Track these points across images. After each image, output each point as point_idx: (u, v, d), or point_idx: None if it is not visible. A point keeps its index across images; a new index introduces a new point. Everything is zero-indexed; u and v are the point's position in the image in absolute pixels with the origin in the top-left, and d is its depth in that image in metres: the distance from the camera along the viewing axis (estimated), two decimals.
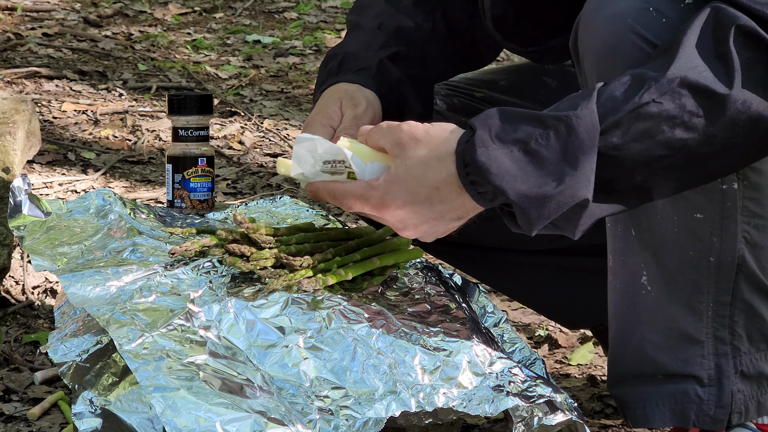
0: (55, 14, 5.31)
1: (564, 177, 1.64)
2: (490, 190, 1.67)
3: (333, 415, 1.65)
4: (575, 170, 1.64)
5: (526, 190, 1.65)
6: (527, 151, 1.65)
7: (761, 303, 1.82)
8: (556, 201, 1.65)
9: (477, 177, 1.67)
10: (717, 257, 1.80)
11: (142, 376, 1.61)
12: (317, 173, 1.80)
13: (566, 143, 1.64)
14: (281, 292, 1.78)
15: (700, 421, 1.84)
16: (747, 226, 1.79)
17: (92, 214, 2.10)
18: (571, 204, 1.65)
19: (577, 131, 1.64)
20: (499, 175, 1.65)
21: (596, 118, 1.64)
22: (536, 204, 1.66)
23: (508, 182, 1.65)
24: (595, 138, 1.64)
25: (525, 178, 1.65)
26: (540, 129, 1.65)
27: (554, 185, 1.65)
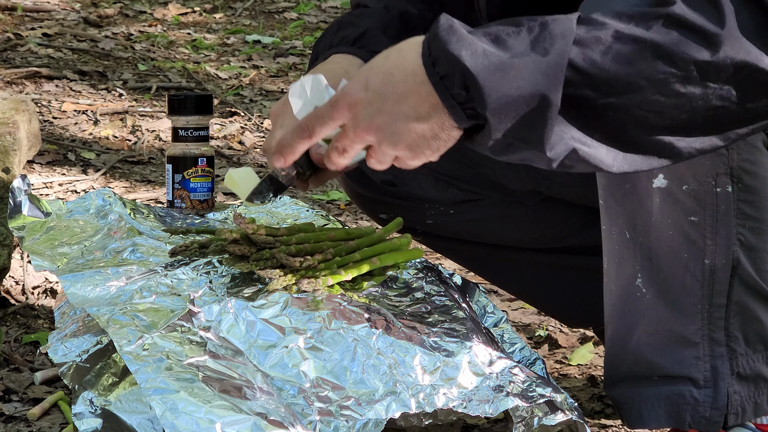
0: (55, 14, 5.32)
1: (529, 57, 1.57)
2: (451, 68, 1.58)
3: (333, 416, 1.65)
4: (542, 56, 1.56)
5: (486, 62, 1.57)
6: (495, 39, 1.59)
7: (757, 305, 1.82)
8: (517, 82, 1.56)
9: (440, 52, 1.59)
10: (711, 260, 1.80)
11: (142, 378, 1.61)
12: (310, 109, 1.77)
13: (537, 37, 1.58)
14: (281, 292, 1.78)
15: (696, 422, 1.84)
16: (742, 228, 1.79)
17: (92, 215, 2.10)
18: (533, 95, 1.56)
19: (551, 29, 1.58)
20: (462, 47, 1.57)
21: (573, 25, 1.58)
22: (494, 78, 1.56)
23: (469, 54, 1.57)
24: (568, 38, 1.57)
25: (487, 54, 1.57)
26: (513, 27, 1.60)
27: (517, 62, 1.56)
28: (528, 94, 1.57)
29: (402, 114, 1.64)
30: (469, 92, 1.58)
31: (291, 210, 2.25)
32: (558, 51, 1.57)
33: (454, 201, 2.24)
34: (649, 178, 1.76)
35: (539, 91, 1.57)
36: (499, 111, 1.58)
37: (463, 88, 1.59)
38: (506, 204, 2.24)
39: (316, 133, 1.71)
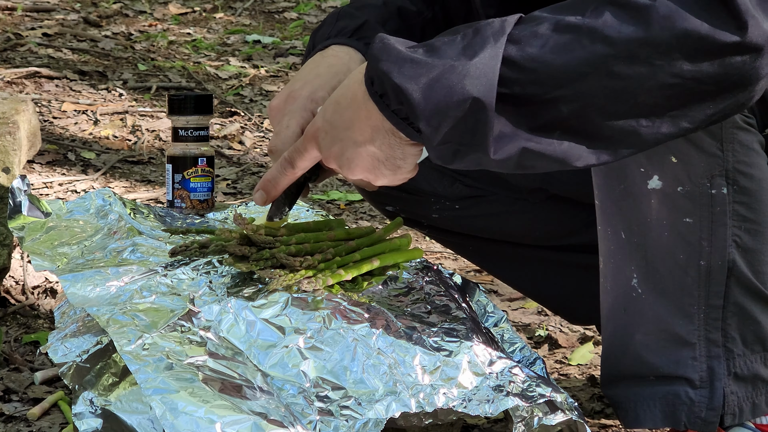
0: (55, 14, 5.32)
1: (456, 62, 1.56)
2: (383, 84, 1.59)
3: (333, 416, 1.65)
4: (470, 59, 1.55)
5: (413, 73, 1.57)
6: (429, 49, 1.58)
7: (754, 306, 1.82)
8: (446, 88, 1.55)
9: (372, 72, 1.60)
10: (707, 261, 1.80)
11: (142, 378, 1.61)
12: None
13: (469, 42, 1.57)
14: (281, 292, 1.78)
15: (691, 422, 1.84)
16: (737, 230, 1.79)
17: (92, 215, 2.10)
18: (464, 99, 1.55)
19: (483, 32, 1.57)
20: (390, 61, 1.58)
21: (506, 25, 1.57)
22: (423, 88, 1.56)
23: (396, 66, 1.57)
24: (500, 38, 1.55)
25: (415, 62, 1.57)
26: (450, 35, 1.60)
27: (444, 69, 1.56)
28: (458, 99, 1.56)
29: (351, 140, 1.67)
30: (399, 101, 1.59)
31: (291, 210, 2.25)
32: (488, 51, 1.55)
33: (459, 196, 2.24)
34: (643, 179, 1.77)
35: (469, 94, 1.55)
36: (431, 119, 1.57)
37: (399, 103, 1.59)
38: (512, 201, 2.25)
39: (298, 166, 1.78)
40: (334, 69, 1.95)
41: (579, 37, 1.55)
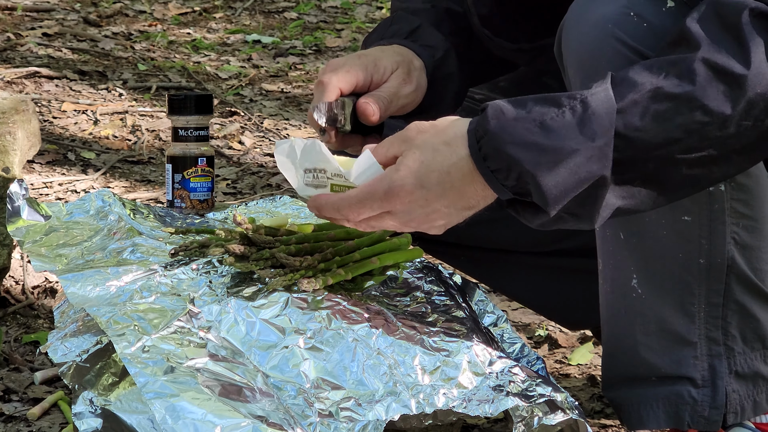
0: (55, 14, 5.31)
1: (581, 146, 1.60)
2: (505, 164, 1.60)
3: (333, 417, 1.65)
4: (592, 141, 1.60)
5: (542, 160, 1.60)
6: (543, 126, 1.61)
7: (754, 303, 1.82)
8: (573, 172, 1.60)
9: (489, 150, 1.61)
10: (706, 259, 1.80)
11: (142, 382, 1.61)
12: (302, 186, 1.73)
13: (582, 118, 1.60)
14: (281, 292, 1.78)
15: (695, 422, 1.84)
16: (736, 227, 1.79)
17: (92, 216, 2.10)
18: (589, 179, 1.61)
19: (593, 107, 1.60)
20: (514, 144, 1.60)
21: (612, 96, 1.61)
22: (554, 175, 1.60)
23: (524, 151, 1.60)
24: (612, 114, 1.60)
25: (541, 149, 1.60)
26: (554, 108, 1.62)
27: (571, 154, 1.60)
28: (583, 179, 1.61)
29: (456, 209, 1.67)
30: (521, 182, 1.61)
31: (291, 210, 2.26)
32: (605, 131, 1.60)
33: None
34: None
35: (594, 174, 1.61)
36: (555, 200, 1.62)
37: (516, 180, 1.62)
38: (499, 208, 2.24)
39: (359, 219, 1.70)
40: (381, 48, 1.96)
41: (678, 106, 1.61)
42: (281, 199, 2.30)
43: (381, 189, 1.66)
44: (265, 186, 3.60)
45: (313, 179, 1.72)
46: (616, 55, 1.71)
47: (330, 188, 1.71)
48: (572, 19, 1.77)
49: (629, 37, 1.71)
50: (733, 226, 1.79)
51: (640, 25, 1.72)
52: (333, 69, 1.89)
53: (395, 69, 1.93)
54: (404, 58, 1.95)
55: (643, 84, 1.61)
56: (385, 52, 1.95)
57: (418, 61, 1.97)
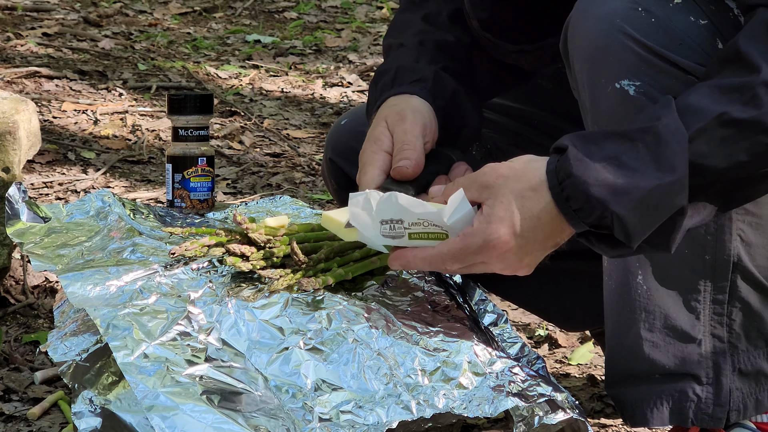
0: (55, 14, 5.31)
1: (663, 182, 1.62)
2: (589, 205, 1.63)
3: (333, 421, 1.65)
4: (673, 175, 1.62)
5: (625, 199, 1.62)
6: (620, 165, 1.62)
7: (758, 301, 1.83)
8: (654, 207, 1.63)
9: (573, 192, 1.63)
10: (712, 255, 1.80)
11: (141, 394, 1.60)
12: (378, 237, 1.73)
13: (657, 152, 1.62)
14: (281, 293, 1.78)
15: (699, 419, 1.84)
16: (741, 224, 1.79)
17: (92, 216, 2.10)
18: (670, 212, 1.63)
19: (666, 139, 1.62)
20: (598, 185, 1.62)
21: (681, 125, 1.63)
22: (637, 212, 1.63)
23: (607, 192, 1.62)
24: (685, 144, 1.62)
25: (623, 187, 1.62)
26: (627, 143, 1.63)
27: (651, 191, 1.62)
28: (664, 213, 1.64)
29: (546, 249, 1.70)
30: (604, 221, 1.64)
31: (291, 210, 2.25)
32: (681, 163, 1.63)
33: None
34: None
35: (675, 207, 1.64)
36: (638, 235, 1.65)
37: (599, 218, 1.64)
38: None
39: (452, 270, 1.73)
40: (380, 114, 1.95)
41: (743, 131, 1.63)
42: (281, 199, 2.30)
43: (476, 243, 1.68)
44: (265, 186, 3.60)
45: (389, 230, 1.73)
46: (623, 50, 1.71)
47: (408, 237, 1.72)
48: (579, 15, 1.76)
49: (637, 33, 1.71)
50: (739, 222, 1.79)
51: (648, 20, 1.71)
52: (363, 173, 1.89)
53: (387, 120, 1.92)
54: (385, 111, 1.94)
55: (709, 111, 1.63)
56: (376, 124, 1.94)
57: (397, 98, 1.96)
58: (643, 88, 1.71)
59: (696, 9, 1.73)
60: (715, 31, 1.73)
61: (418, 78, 1.97)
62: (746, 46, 1.64)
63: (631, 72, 1.72)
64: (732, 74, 1.64)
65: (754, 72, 1.62)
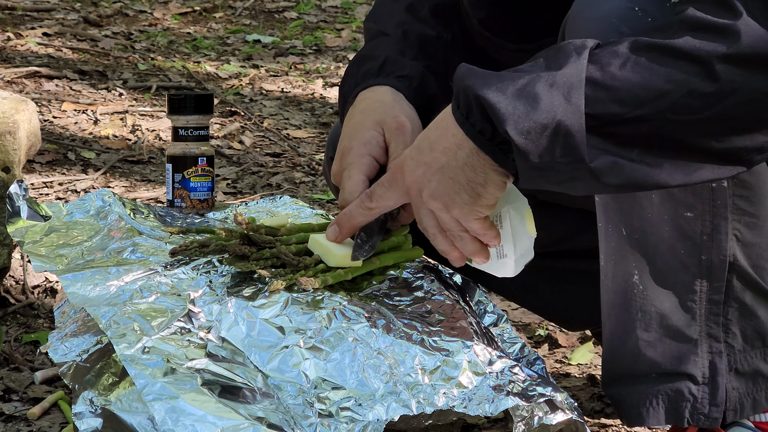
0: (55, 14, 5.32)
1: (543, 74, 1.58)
2: (466, 100, 1.61)
3: (333, 417, 1.65)
4: (555, 71, 1.58)
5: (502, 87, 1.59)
6: (516, 71, 1.61)
7: (755, 301, 1.83)
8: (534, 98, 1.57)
9: (461, 98, 1.63)
10: (708, 255, 1.80)
11: (141, 384, 1.61)
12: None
13: (552, 57, 1.60)
14: (281, 292, 1.78)
15: (695, 419, 1.84)
16: (738, 224, 1.80)
17: (92, 216, 2.10)
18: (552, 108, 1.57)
19: (565, 48, 1.60)
20: (476, 76, 1.61)
21: (589, 43, 1.60)
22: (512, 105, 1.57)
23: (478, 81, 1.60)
24: (582, 51, 1.58)
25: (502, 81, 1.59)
26: (534, 60, 1.64)
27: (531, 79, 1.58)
28: (550, 111, 1.57)
29: (436, 162, 1.68)
30: (491, 123, 1.59)
31: (291, 210, 2.26)
32: (573, 66, 1.57)
33: None
34: None
35: (559, 107, 1.57)
36: (526, 132, 1.58)
37: (486, 121, 1.60)
38: None
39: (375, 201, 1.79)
40: (369, 109, 1.94)
41: (661, 55, 1.57)
42: (281, 199, 2.30)
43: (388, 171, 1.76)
44: (265, 186, 3.60)
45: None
46: None
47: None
48: (576, 15, 1.77)
49: (634, 33, 1.71)
50: (735, 222, 1.80)
51: (644, 20, 1.72)
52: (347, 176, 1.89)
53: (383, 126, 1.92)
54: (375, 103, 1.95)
55: (625, 40, 1.59)
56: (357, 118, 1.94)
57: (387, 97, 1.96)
58: None
59: None
60: None
61: (405, 74, 1.99)
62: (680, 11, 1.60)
63: None
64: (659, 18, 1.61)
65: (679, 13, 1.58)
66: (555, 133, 1.58)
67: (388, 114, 1.92)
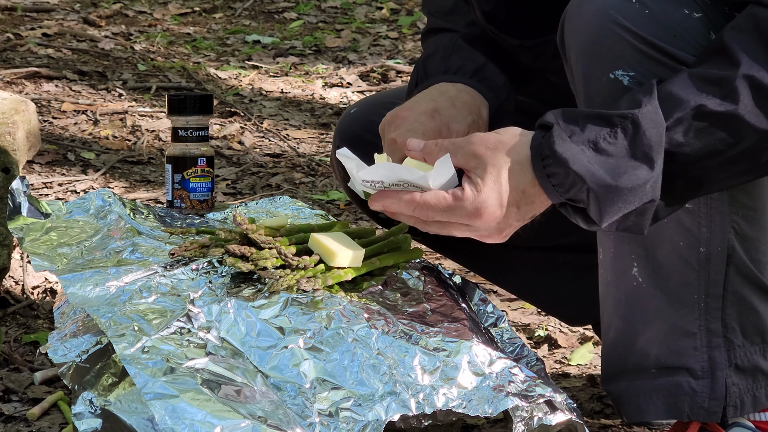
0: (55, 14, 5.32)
1: (637, 171, 1.66)
2: (568, 180, 1.68)
3: (332, 417, 1.65)
4: (647, 165, 1.67)
5: (601, 182, 1.67)
6: (597, 150, 1.67)
7: (753, 295, 1.83)
8: (628, 193, 1.67)
9: (554, 169, 1.68)
10: (706, 248, 1.80)
11: (141, 383, 1.61)
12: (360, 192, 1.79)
13: (634, 140, 1.67)
14: (281, 293, 1.78)
15: (694, 413, 1.84)
16: (736, 216, 1.80)
17: (92, 215, 2.10)
18: (643, 200, 1.68)
19: (644, 128, 1.66)
20: (577, 165, 1.67)
21: (661, 115, 1.67)
22: (610, 194, 1.67)
23: (586, 172, 1.67)
24: (662, 135, 1.67)
25: (599, 170, 1.67)
26: (607, 127, 1.67)
27: (627, 178, 1.67)
28: (637, 201, 1.69)
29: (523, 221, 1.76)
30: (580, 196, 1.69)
31: (291, 210, 2.26)
32: (658, 156, 1.67)
33: None
34: None
35: (646, 197, 1.68)
36: (610, 216, 1.69)
37: (576, 194, 1.69)
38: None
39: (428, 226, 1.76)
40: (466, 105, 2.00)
41: (720, 121, 1.68)
42: (281, 199, 2.30)
43: (466, 209, 1.72)
44: (265, 186, 3.60)
45: (370, 187, 1.77)
46: (618, 41, 1.73)
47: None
48: (574, 8, 1.78)
49: (631, 24, 1.73)
50: (734, 215, 1.80)
51: (641, 11, 1.73)
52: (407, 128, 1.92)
53: (467, 132, 1.96)
54: (475, 118, 2.00)
55: (687, 101, 1.67)
56: (457, 110, 1.98)
57: (485, 111, 2.02)
58: (637, 78, 1.73)
59: (690, 2, 1.74)
60: (709, 24, 1.74)
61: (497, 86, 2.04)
62: (730, 39, 1.68)
63: (625, 62, 1.73)
64: (715, 66, 1.68)
65: (735, 66, 1.66)
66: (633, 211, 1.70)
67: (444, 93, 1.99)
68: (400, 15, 5.63)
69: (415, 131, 1.91)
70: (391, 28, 5.45)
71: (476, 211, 1.71)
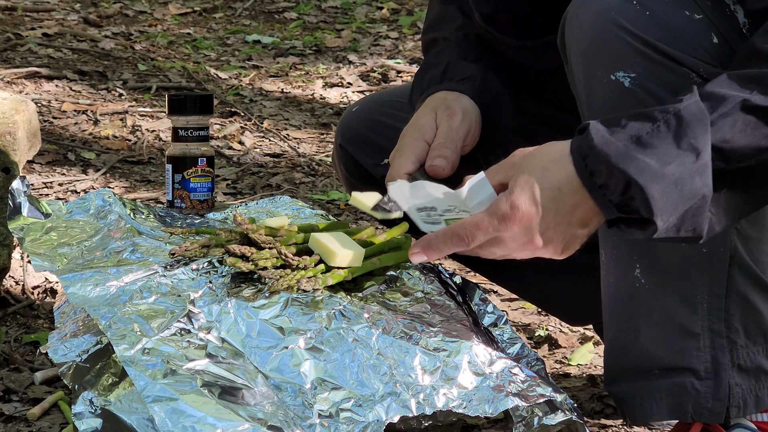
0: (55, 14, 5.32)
1: (684, 161, 1.61)
2: (613, 178, 1.60)
3: (333, 418, 1.65)
4: (694, 155, 1.60)
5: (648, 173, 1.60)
6: (641, 143, 1.60)
7: (756, 296, 1.83)
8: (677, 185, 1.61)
9: (596, 165, 1.60)
10: (709, 248, 1.80)
11: (141, 385, 1.61)
12: (422, 225, 1.73)
13: (678, 132, 1.61)
14: (281, 293, 1.78)
15: (698, 414, 1.84)
16: None
17: (92, 215, 2.10)
18: (694, 194, 1.61)
19: (688, 120, 1.61)
20: (620, 158, 1.60)
21: (704, 108, 1.62)
22: (659, 186, 1.60)
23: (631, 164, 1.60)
24: (707, 126, 1.61)
25: (645, 162, 1.60)
26: (649, 122, 1.61)
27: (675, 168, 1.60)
28: (688, 194, 1.61)
29: (570, 225, 1.65)
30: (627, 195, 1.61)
31: (291, 210, 2.26)
32: (704, 146, 1.61)
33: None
34: None
35: (697, 189, 1.61)
36: (662, 210, 1.61)
37: (622, 193, 1.61)
38: None
39: (475, 242, 1.68)
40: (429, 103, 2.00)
41: (764, 117, 1.63)
42: (281, 199, 2.30)
43: (499, 211, 1.64)
44: (265, 186, 3.60)
45: (427, 218, 1.73)
46: (619, 43, 1.72)
47: (444, 224, 1.72)
48: (575, 9, 1.78)
49: (632, 25, 1.72)
50: None
51: (642, 13, 1.73)
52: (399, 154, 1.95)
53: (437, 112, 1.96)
54: (436, 102, 1.99)
55: (731, 97, 1.62)
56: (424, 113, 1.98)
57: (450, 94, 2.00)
58: (638, 79, 1.72)
59: (691, 3, 1.74)
60: (710, 26, 1.74)
61: (467, 76, 2.03)
62: (763, 44, 1.65)
63: (626, 64, 1.73)
64: (753, 67, 1.65)
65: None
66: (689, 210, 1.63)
67: (443, 103, 1.98)
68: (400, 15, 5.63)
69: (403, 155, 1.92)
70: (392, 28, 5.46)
71: (505, 213, 1.63)
